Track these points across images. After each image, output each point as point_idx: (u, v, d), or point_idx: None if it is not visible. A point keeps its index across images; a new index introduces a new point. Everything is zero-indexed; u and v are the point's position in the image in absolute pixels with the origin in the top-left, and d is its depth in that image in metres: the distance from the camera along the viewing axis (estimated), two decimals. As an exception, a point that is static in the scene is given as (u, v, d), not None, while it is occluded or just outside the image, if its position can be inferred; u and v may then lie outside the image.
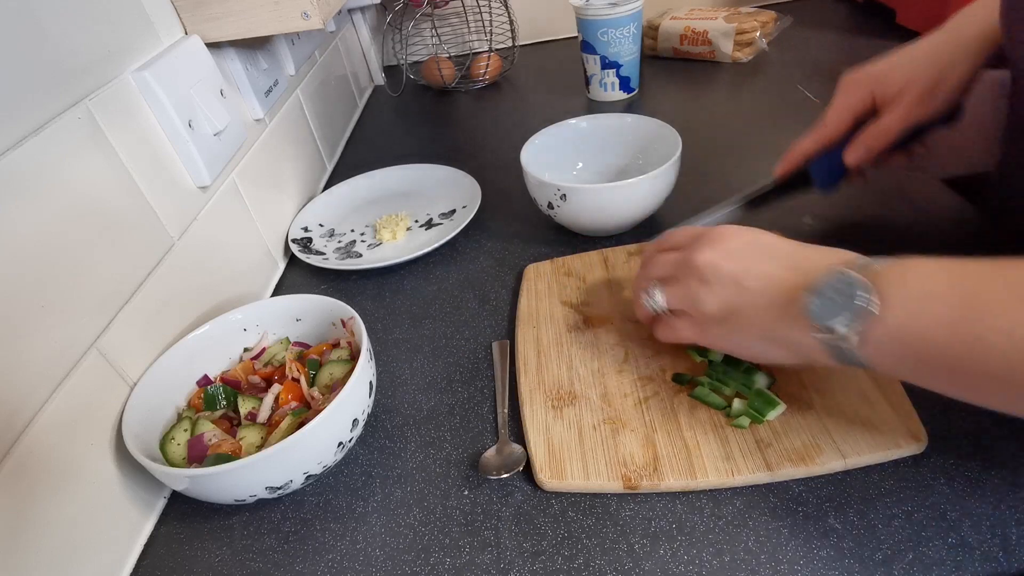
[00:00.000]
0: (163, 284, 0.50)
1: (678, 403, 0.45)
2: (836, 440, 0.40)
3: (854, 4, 1.14)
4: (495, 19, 1.16)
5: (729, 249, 0.40)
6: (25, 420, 0.37)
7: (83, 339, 0.42)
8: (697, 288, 0.41)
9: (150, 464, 0.40)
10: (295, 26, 0.58)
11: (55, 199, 0.41)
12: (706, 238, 0.42)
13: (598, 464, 0.42)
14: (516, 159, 0.65)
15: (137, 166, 0.49)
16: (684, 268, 0.42)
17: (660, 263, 0.45)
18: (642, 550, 0.38)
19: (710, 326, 0.42)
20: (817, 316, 0.34)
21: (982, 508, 0.37)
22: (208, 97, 0.57)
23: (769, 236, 0.41)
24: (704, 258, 0.40)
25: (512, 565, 0.39)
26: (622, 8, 0.87)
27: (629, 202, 0.61)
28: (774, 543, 0.37)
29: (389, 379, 0.54)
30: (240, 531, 0.44)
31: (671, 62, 1.05)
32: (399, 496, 0.44)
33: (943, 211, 0.60)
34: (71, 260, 0.42)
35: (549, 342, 0.53)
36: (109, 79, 0.48)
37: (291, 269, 0.72)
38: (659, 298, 0.45)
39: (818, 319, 0.34)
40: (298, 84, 0.83)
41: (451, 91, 1.11)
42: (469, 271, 0.65)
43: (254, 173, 0.67)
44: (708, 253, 0.40)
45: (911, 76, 0.48)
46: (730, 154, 0.76)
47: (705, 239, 0.42)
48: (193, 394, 0.50)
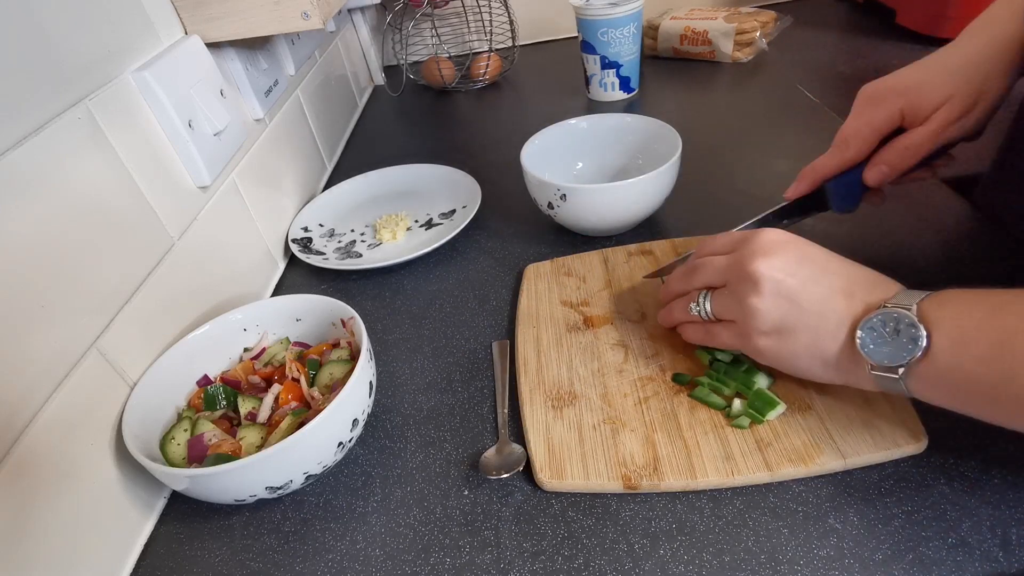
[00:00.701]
0: (163, 284, 0.50)
1: (678, 403, 0.45)
2: (836, 440, 0.40)
3: (854, 4, 1.14)
4: (495, 19, 1.16)
5: (787, 263, 0.39)
6: (25, 420, 0.37)
7: (83, 339, 0.42)
8: (752, 299, 0.40)
9: (150, 464, 0.40)
10: (295, 26, 0.58)
11: (55, 199, 0.41)
12: (757, 246, 0.40)
13: (598, 464, 0.42)
14: (516, 159, 0.65)
15: (137, 166, 0.49)
16: (737, 276, 0.41)
17: (708, 269, 0.44)
18: (642, 550, 0.38)
19: (757, 337, 0.41)
20: (870, 352, 0.36)
21: (982, 508, 0.37)
22: (208, 97, 0.57)
23: (817, 249, 0.40)
24: (760, 269, 0.39)
25: (512, 565, 0.39)
26: (622, 8, 0.87)
27: (629, 202, 0.61)
28: (774, 543, 0.37)
29: (389, 379, 0.54)
30: (240, 531, 0.44)
31: (671, 62, 1.05)
32: (399, 496, 0.44)
33: (943, 211, 0.60)
34: (71, 260, 0.42)
35: (549, 342, 0.53)
36: (109, 79, 0.48)
37: (291, 269, 0.72)
38: (708, 306, 0.44)
39: (871, 355, 0.36)
40: (298, 84, 0.83)
41: (451, 91, 1.11)
42: (469, 271, 0.65)
43: (254, 173, 0.67)
44: (763, 264, 0.39)
45: (950, 92, 0.44)
46: (730, 154, 0.76)
47: (756, 247, 0.40)
48: (193, 394, 0.50)
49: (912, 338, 0.34)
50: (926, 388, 0.35)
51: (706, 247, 0.46)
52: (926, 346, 0.34)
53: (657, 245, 0.61)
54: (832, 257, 0.40)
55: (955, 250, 0.55)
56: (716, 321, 0.44)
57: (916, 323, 0.34)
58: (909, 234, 0.58)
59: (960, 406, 0.35)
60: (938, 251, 0.55)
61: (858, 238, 0.58)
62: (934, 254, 0.55)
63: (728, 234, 0.46)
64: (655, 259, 0.60)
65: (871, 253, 0.56)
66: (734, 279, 0.41)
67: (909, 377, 0.35)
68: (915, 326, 0.34)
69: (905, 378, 0.35)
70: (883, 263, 0.55)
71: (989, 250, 0.55)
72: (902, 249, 0.56)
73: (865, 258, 0.40)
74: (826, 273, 0.39)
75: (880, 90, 0.47)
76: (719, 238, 0.46)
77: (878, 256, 0.56)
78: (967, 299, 0.34)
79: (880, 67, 0.47)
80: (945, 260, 0.54)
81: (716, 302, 0.44)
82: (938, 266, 0.54)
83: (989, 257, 0.54)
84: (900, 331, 0.35)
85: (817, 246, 0.41)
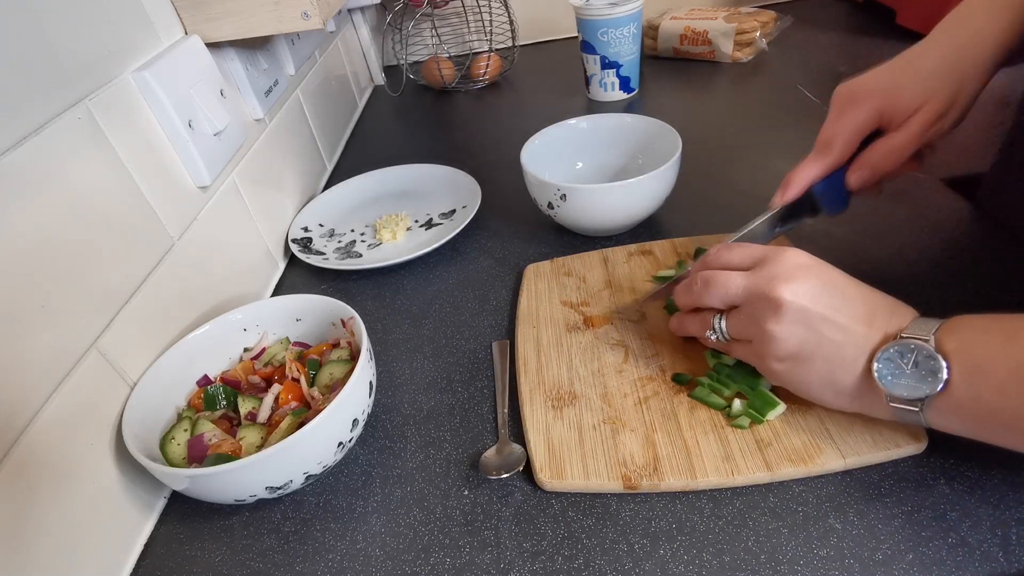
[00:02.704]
0: (163, 284, 0.50)
1: (678, 403, 0.45)
2: (836, 440, 0.40)
3: (854, 4, 1.14)
4: (495, 19, 1.16)
5: (810, 289, 0.38)
6: (25, 420, 0.37)
7: (83, 339, 0.42)
8: (771, 325, 0.39)
9: (150, 464, 0.40)
10: (295, 26, 0.58)
11: (55, 199, 0.41)
12: (781, 269, 0.39)
13: (598, 464, 0.42)
14: (516, 159, 0.65)
15: (137, 166, 0.49)
16: (757, 299, 0.40)
17: (723, 286, 0.42)
18: (642, 550, 0.38)
19: (771, 361, 0.40)
20: (888, 384, 0.36)
21: (982, 508, 0.37)
22: (208, 97, 0.57)
23: (839, 275, 0.39)
24: (784, 295, 0.38)
25: (512, 565, 0.39)
26: (622, 8, 0.87)
27: (629, 202, 0.61)
28: (774, 543, 0.37)
29: (389, 379, 0.54)
30: (240, 531, 0.44)
31: (671, 62, 1.05)
32: (399, 496, 0.44)
33: (943, 211, 0.60)
34: (71, 260, 0.42)
35: (549, 342, 0.53)
36: (109, 79, 0.48)
37: (291, 269, 0.72)
38: (724, 328, 0.43)
39: (889, 387, 0.36)
40: (298, 84, 0.83)
41: (451, 91, 1.11)
42: (469, 271, 0.65)
43: (254, 173, 0.67)
44: (787, 290, 0.38)
45: (927, 94, 0.44)
46: (730, 154, 0.76)
47: (780, 271, 0.39)
48: (193, 394, 0.50)
49: (931, 370, 0.34)
50: (944, 419, 0.35)
51: (719, 258, 0.44)
52: (947, 382, 0.34)
53: (657, 245, 0.61)
54: (852, 282, 0.39)
55: (955, 250, 0.55)
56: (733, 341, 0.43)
57: (935, 355, 0.34)
58: (909, 234, 0.58)
59: (979, 435, 0.35)
60: (938, 251, 0.55)
61: (859, 238, 0.58)
62: (934, 254, 0.55)
63: (743, 247, 0.43)
64: (655, 259, 0.60)
65: (872, 253, 0.56)
66: (753, 301, 0.40)
67: (927, 409, 0.35)
68: (934, 358, 0.34)
69: (924, 410, 0.35)
70: (884, 263, 0.55)
71: (989, 250, 0.55)
72: (902, 249, 0.56)
73: (866, 258, 0.40)
74: (847, 300, 0.38)
75: (857, 91, 0.47)
76: (733, 250, 0.44)
77: (879, 256, 0.56)
78: (981, 327, 0.34)
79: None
80: (945, 260, 0.54)
81: (732, 324, 0.42)
82: (938, 266, 0.54)
83: (989, 257, 0.54)
84: (919, 363, 0.34)
85: (838, 270, 0.40)
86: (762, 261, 0.41)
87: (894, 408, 0.36)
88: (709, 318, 0.44)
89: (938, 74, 0.44)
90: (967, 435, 0.35)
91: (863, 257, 0.56)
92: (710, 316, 0.44)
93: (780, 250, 0.41)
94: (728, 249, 0.44)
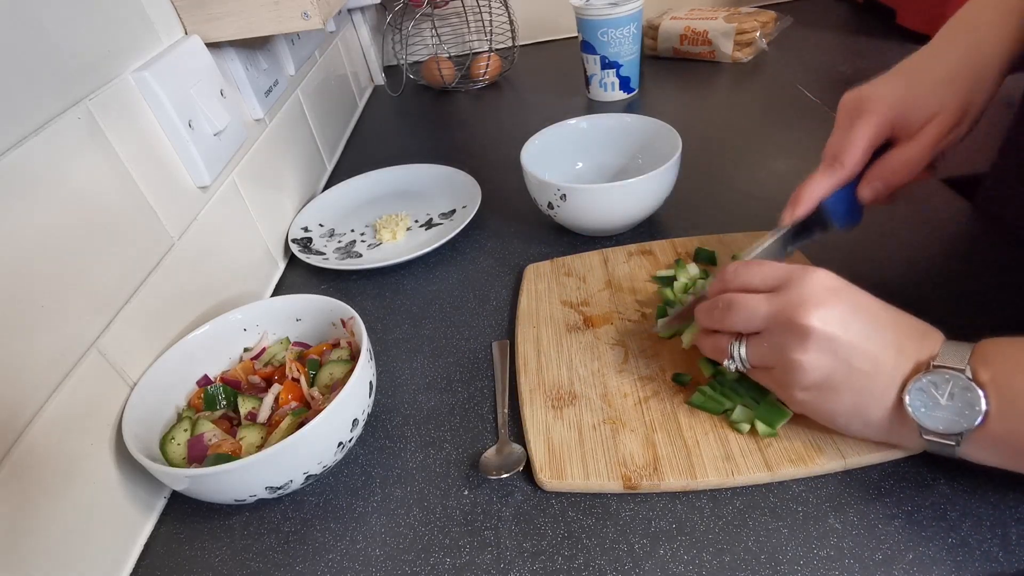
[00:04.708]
0: (163, 284, 0.50)
1: (678, 403, 0.45)
2: (836, 440, 0.40)
3: (854, 4, 1.14)
4: (495, 19, 1.16)
5: (840, 315, 0.36)
6: (25, 420, 0.37)
7: (83, 339, 0.42)
8: (797, 354, 0.36)
9: (150, 464, 0.40)
10: (295, 26, 0.58)
11: (55, 199, 0.41)
12: (808, 294, 0.36)
13: (598, 464, 0.42)
14: (516, 159, 0.65)
15: (137, 166, 0.49)
16: (781, 326, 0.37)
17: (744, 311, 0.39)
18: (642, 550, 0.38)
19: (795, 391, 0.38)
20: (922, 416, 0.34)
21: (982, 508, 0.37)
22: (208, 97, 0.57)
23: (868, 299, 0.37)
24: (812, 322, 0.35)
25: (512, 565, 0.39)
26: (622, 8, 0.87)
27: (629, 202, 0.61)
28: (774, 543, 0.37)
29: (389, 379, 0.54)
30: (240, 531, 0.44)
31: (671, 62, 1.05)
32: (399, 496, 0.44)
33: (943, 211, 0.60)
34: (71, 260, 0.42)
35: (549, 342, 0.53)
36: (109, 79, 0.48)
37: (291, 269, 0.72)
38: (744, 355, 0.40)
39: (923, 420, 0.34)
40: (298, 84, 0.83)
41: (451, 91, 1.11)
42: (469, 271, 0.65)
43: (254, 173, 0.67)
44: (815, 317, 0.35)
45: (940, 104, 0.42)
46: (730, 154, 0.76)
47: (807, 295, 0.36)
48: (193, 394, 0.50)
49: (969, 403, 0.33)
50: (980, 452, 0.34)
51: (738, 277, 0.41)
52: (983, 414, 0.32)
53: (657, 245, 0.61)
54: (882, 307, 0.37)
55: (955, 250, 0.55)
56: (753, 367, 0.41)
57: (972, 386, 0.33)
58: (910, 234, 0.58)
59: (1015, 467, 0.34)
60: (938, 251, 0.55)
61: (859, 239, 0.58)
62: (935, 254, 0.55)
63: (763, 265, 0.41)
64: (655, 259, 0.60)
65: (872, 254, 0.56)
66: (778, 327, 0.37)
67: (964, 444, 0.34)
68: (971, 390, 0.33)
69: (960, 443, 0.34)
70: (884, 263, 0.55)
71: (989, 250, 0.55)
72: (903, 249, 0.56)
73: (866, 259, 0.40)
74: (877, 327, 0.36)
75: (866, 100, 0.44)
76: (752, 269, 0.41)
77: (879, 256, 0.56)
78: (1013, 355, 0.33)
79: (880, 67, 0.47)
80: (945, 260, 0.54)
81: (753, 351, 0.40)
82: (938, 266, 0.54)
83: (989, 257, 0.54)
84: (955, 395, 0.33)
85: (867, 294, 0.37)
86: (786, 283, 0.38)
87: (929, 442, 0.35)
88: (724, 343, 0.41)
89: (950, 83, 0.42)
90: (1001, 467, 0.34)
91: (863, 258, 0.56)
92: (725, 341, 0.41)
93: (805, 270, 0.38)
94: (747, 268, 0.41)
